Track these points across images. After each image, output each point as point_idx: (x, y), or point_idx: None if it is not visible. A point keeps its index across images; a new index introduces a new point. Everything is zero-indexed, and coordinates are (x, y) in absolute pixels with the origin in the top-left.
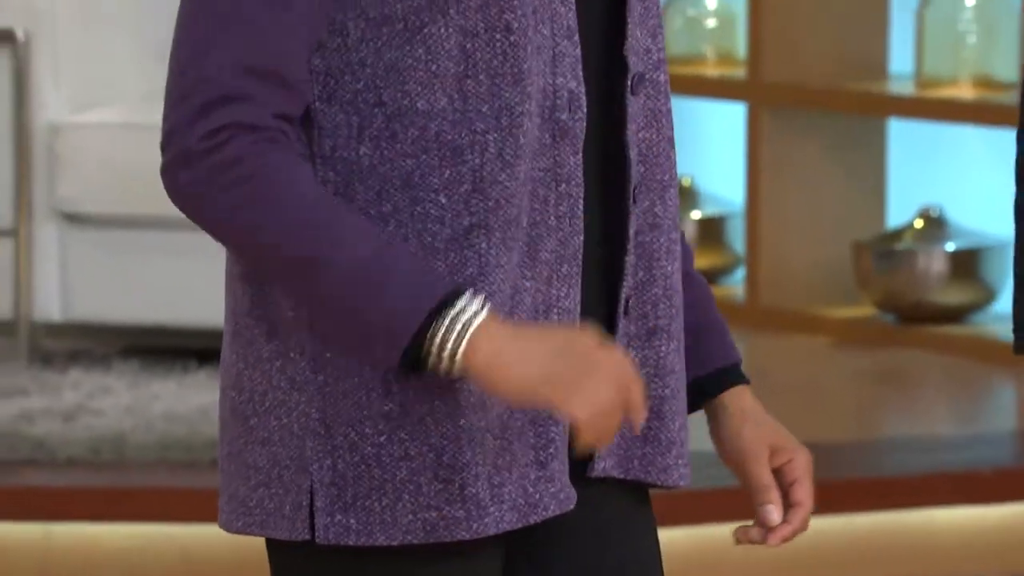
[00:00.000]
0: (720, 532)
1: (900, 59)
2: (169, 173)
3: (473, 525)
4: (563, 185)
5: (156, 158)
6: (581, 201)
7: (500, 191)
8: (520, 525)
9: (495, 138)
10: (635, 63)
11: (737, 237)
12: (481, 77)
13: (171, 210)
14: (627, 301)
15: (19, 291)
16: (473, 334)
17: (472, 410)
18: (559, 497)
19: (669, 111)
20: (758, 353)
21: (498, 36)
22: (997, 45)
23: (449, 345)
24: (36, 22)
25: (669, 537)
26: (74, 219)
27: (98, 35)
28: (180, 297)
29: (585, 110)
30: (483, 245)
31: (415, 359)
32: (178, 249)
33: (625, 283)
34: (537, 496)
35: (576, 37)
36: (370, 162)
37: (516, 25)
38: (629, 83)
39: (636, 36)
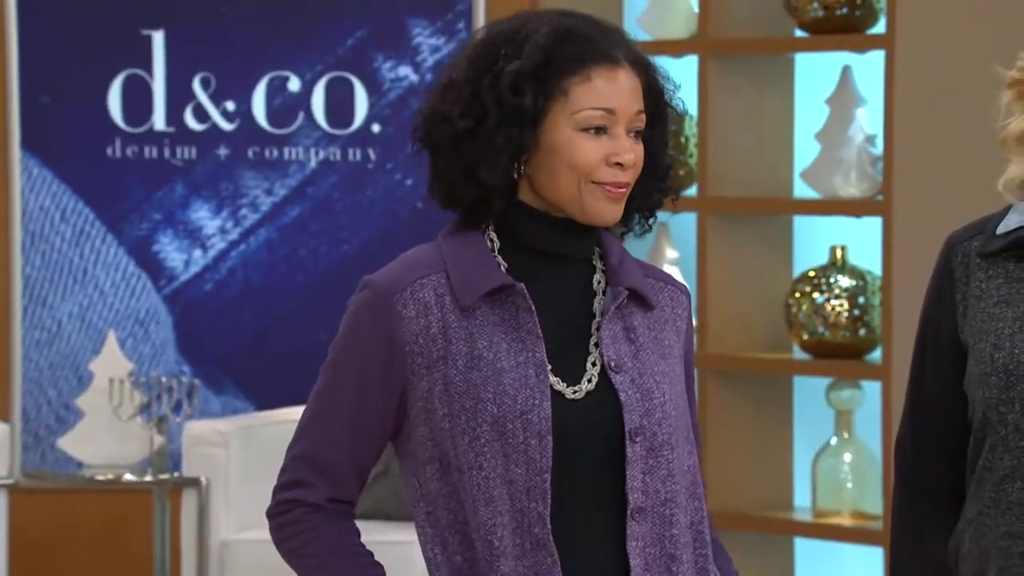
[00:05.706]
0: None
1: (801, 496)
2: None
3: None
4: None
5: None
6: None
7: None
8: None
9: (456, 539)
10: (634, 500)
11: None
12: (461, 498)
13: None
14: None
15: None
16: None
17: None
18: None
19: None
20: None
21: (474, 472)
22: (866, 488)
23: None
24: (214, 472)
25: None
26: None
27: (257, 478)
28: None
29: (549, 526)
30: None
31: None
32: None
33: None
34: None
35: (547, 474)
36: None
37: (486, 464)
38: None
39: (636, 477)
